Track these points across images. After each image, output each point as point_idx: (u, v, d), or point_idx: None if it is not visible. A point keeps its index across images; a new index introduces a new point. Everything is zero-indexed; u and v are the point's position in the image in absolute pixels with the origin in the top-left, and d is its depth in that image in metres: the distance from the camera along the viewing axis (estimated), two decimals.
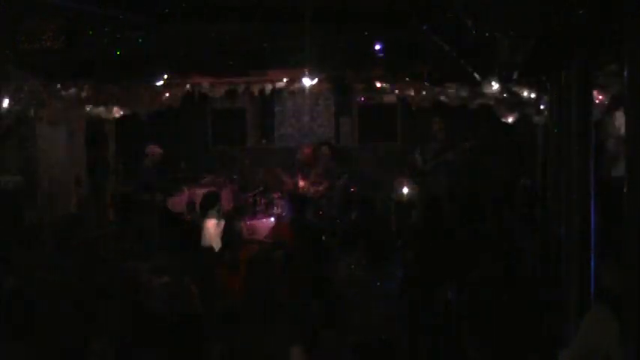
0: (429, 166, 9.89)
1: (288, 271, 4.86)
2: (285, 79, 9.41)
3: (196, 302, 4.71)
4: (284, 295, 4.20)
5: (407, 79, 9.27)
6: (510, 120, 9.54)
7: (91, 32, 7.02)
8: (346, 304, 4.67)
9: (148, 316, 4.69)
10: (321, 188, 10.02)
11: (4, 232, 7.22)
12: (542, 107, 8.58)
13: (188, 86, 9.91)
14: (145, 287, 4.89)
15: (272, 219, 9.34)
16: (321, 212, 10.02)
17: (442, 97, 9.35)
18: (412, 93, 9.49)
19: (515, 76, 6.86)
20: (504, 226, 6.22)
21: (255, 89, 9.46)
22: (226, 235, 7.38)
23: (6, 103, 8.25)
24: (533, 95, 8.50)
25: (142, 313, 4.68)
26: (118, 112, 10.27)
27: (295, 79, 9.15)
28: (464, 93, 9.07)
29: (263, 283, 4.18)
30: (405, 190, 10.57)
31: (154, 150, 9.92)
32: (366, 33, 7.13)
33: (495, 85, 7.88)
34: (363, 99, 11.71)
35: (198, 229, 7.73)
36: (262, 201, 10.09)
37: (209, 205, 7.91)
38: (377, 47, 7.48)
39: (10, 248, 5.87)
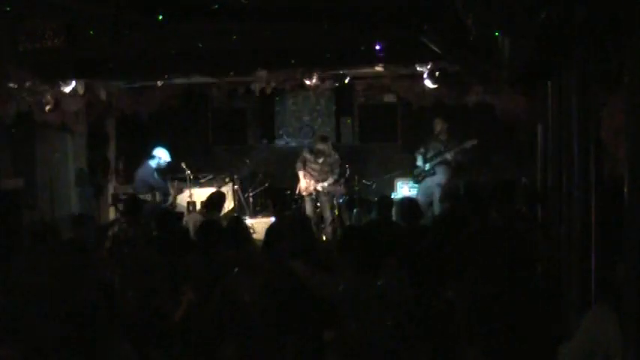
0: (429, 166, 9.89)
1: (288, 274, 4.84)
2: (285, 79, 9.41)
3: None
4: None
5: (407, 78, 9.27)
6: (510, 120, 9.53)
7: (91, 32, 7.02)
8: (346, 306, 4.65)
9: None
10: (326, 184, 9.95)
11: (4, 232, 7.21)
12: (542, 107, 8.56)
13: (188, 86, 9.92)
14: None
15: (272, 219, 9.33)
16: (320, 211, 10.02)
17: (443, 97, 9.35)
18: (413, 92, 9.49)
19: (515, 75, 6.85)
20: (516, 226, 6.18)
21: (256, 89, 9.45)
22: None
23: (6, 102, 8.24)
24: (533, 95, 8.48)
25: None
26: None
27: (296, 78, 9.14)
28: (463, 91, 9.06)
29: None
30: (406, 190, 10.58)
31: (162, 154, 9.82)
32: (367, 32, 7.13)
33: (496, 84, 7.87)
34: (363, 98, 11.72)
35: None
36: (262, 201, 10.07)
37: (214, 205, 7.80)
38: (377, 46, 7.48)
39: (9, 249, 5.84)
